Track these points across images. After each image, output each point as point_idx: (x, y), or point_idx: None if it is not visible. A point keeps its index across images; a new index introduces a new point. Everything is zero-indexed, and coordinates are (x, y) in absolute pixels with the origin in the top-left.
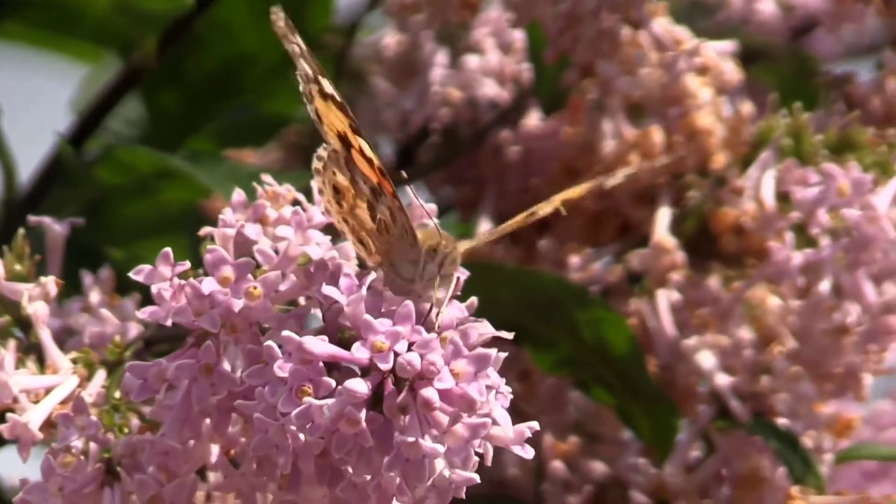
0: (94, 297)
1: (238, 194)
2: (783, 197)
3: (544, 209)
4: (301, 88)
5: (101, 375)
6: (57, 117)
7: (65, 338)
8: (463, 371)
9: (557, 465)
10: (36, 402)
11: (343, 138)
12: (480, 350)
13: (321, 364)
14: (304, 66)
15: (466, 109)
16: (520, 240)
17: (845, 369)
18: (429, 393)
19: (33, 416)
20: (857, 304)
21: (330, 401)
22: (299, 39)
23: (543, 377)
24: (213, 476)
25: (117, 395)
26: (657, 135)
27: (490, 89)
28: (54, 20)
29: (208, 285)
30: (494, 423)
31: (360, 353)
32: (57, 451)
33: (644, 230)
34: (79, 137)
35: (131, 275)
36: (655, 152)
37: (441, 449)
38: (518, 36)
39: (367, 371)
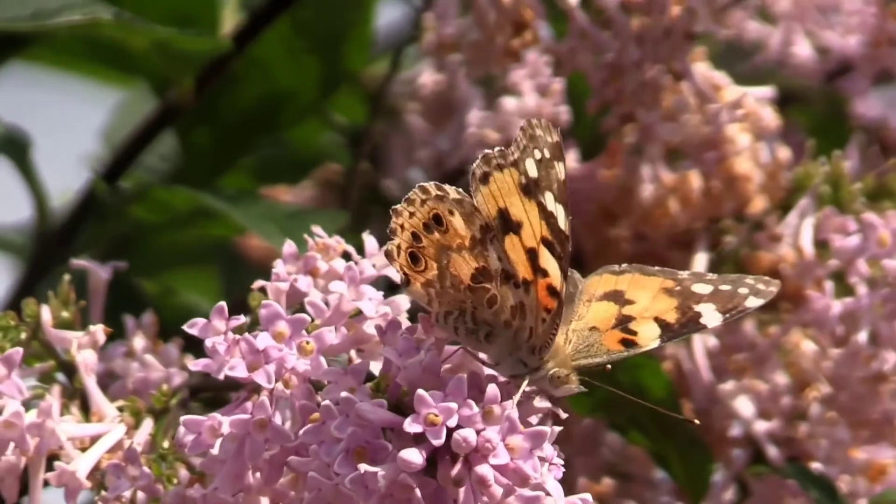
0: (139, 342)
1: (289, 246)
2: (821, 244)
3: None
4: (491, 155)
5: (148, 424)
6: (84, 140)
7: (107, 382)
8: (519, 447)
9: None
10: (82, 450)
11: (507, 220)
12: (536, 427)
13: (379, 428)
14: (532, 167)
15: None
16: None
17: (882, 416)
18: (484, 470)
19: (81, 465)
20: (894, 353)
21: (384, 468)
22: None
23: (578, 419)
24: None
25: (165, 444)
26: (695, 179)
27: None
28: (87, 52)
29: (263, 341)
30: (547, 494)
31: (412, 427)
32: (108, 500)
33: None
34: (113, 172)
35: (185, 328)
36: (693, 197)
37: None
38: (556, 78)
39: (423, 437)
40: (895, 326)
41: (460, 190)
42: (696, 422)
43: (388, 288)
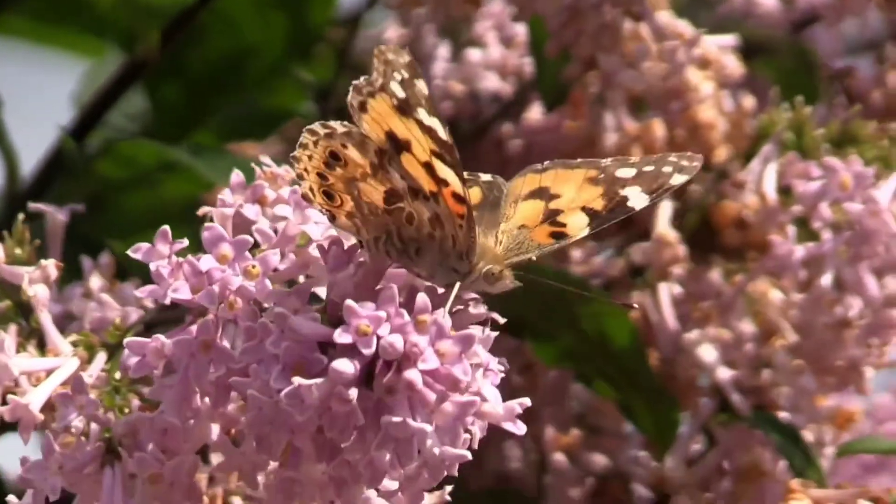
0: (95, 282)
1: (237, 175)
2: (785, 191)
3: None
4: (360, 84)
5: (101, 357)
6: (58, 110)
7: (65, 323)
8: (448, 351)
9: (559, 457)
10: (37, 385)
11: (396, 141)
12: (465, 331)
13: (314, 342)
14: (398, 89)
15: (468, 103)
16: None
17: (847, 363)
18: (412, 374)
19: (34, 398)
20: (858, 298)
21: (319, 380)
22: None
23: (545, 370)
24: (214, 458)
25: (118, 376)
26: (659, 128)
27: (492, 83)
28: (55, 13)
29: (206, 262)
30: (484, 400)
31: (342, 337)
32: (57, 431)
33: (645, 224)
34: (81, 131)
35: (129, 252)
36: (657, 146)
37: (429, 428)
38: (520, 30)
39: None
40: (859, 271)
41: (345, 123)
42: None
43: None
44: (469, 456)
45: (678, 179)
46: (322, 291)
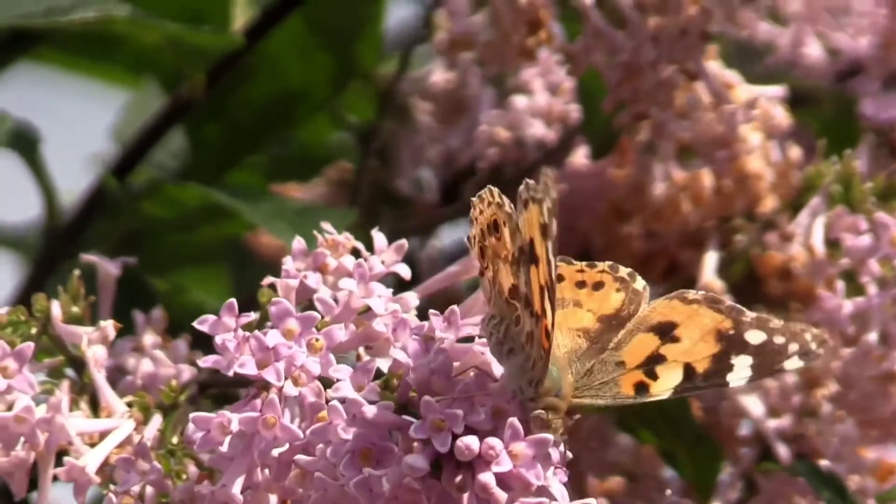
0: (148, 338)
1: (298, 243)
2: (832, 243)
3: None
4: (533, 186)
5: (157, 419)
6: (92, 140)
7: (116, 377)
8: (522, 454)
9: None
10: (91, 445)
11: (533, 253)
12: (540, 435)
13: (385, 430)
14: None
15: (513, 149)
16: None
17: (892, 416)
18: (486, 477)
19: (91, 460)
20: None
21: (389, 471)
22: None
23: (586, 416)
24: None
25: (174, 440)
26: (707, 178)
27: (537, 129)
28: (96, 48)
29: (273, 338)
30: (552, 499)
31: (417, 433)
32: (118, 494)
33: (691, 272)
34: (122, 168)
35: (196, 325)
36: (705, 195)
37: None
38: (567, 77)
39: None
40: None
41: (512, 205)
42: None
43: (397, 285)
44: None
45: (793, 365)
46: (383, 365)
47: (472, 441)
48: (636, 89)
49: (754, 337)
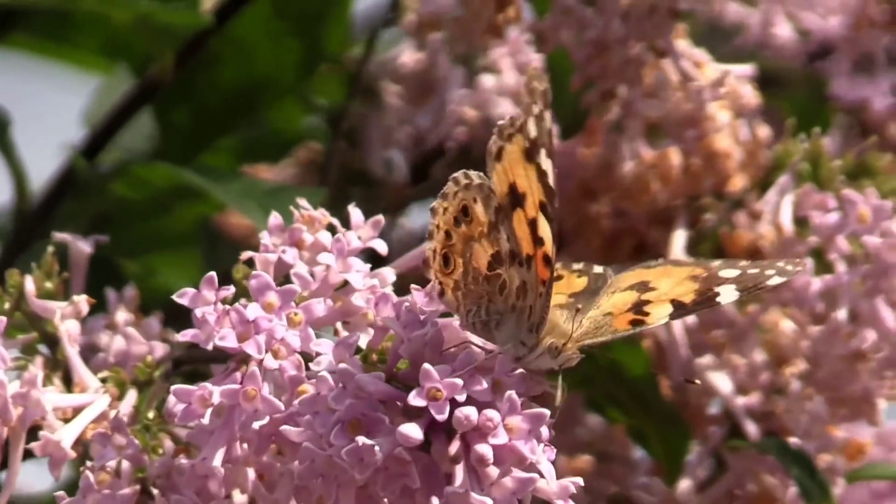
0: (121, 315)
1: (275, 218)
2: (800, 221)
3: None
4: (504, 125)
5: (132, 395)
6: (63, 126)
7: (88, 355)
8: (517, 427)
9: None
10: (64, 421)
11: (515, 194)
12: (536, 409)
13: (377, 401)
14: (532, 127)
15: (481, 128)
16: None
17: (860, 394)
18: (484, 449)
19: (66, 434)
20: (873, 331)
21: (381, 441)
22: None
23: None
24: (237, 498)
25: (150, 415)
26: (675, 157)
27: (506, 109)
28: (66, 30)
29: (253, 311)
30: (541, 476)
31: (416, 401)
32: (94, 469)
33: (659, 251)
34: (92, 150)
35: (175, 297)
36: (673, 174)
37: (489, 502)
38: (535, 56)
39: (419, 411)
40: (875, 304)
41: (481, 174)
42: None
43: (372, 260)
44: None
45: (776, 280)
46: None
47: (471, 411)
48: (605, 66)
49: (729, 273)
